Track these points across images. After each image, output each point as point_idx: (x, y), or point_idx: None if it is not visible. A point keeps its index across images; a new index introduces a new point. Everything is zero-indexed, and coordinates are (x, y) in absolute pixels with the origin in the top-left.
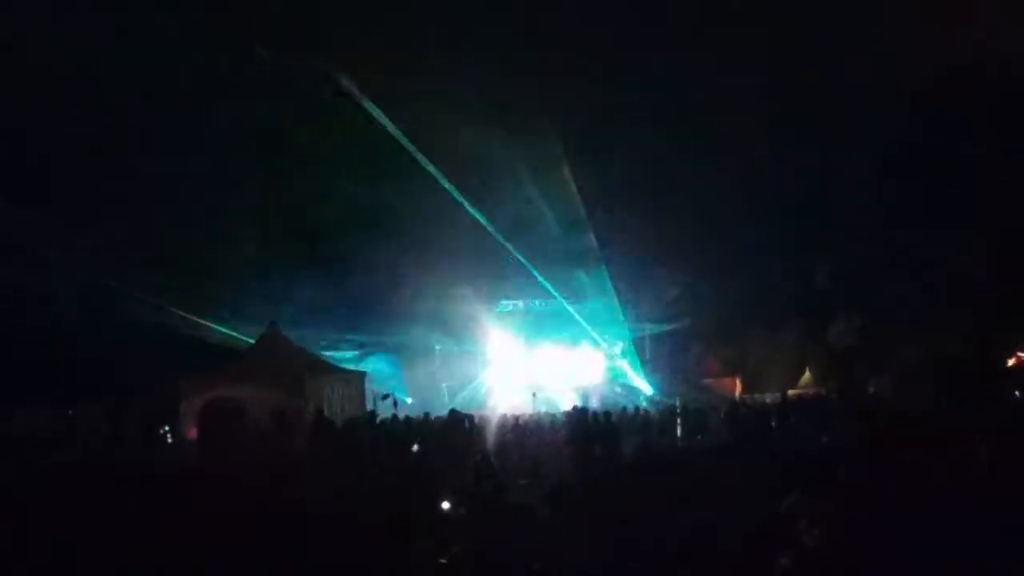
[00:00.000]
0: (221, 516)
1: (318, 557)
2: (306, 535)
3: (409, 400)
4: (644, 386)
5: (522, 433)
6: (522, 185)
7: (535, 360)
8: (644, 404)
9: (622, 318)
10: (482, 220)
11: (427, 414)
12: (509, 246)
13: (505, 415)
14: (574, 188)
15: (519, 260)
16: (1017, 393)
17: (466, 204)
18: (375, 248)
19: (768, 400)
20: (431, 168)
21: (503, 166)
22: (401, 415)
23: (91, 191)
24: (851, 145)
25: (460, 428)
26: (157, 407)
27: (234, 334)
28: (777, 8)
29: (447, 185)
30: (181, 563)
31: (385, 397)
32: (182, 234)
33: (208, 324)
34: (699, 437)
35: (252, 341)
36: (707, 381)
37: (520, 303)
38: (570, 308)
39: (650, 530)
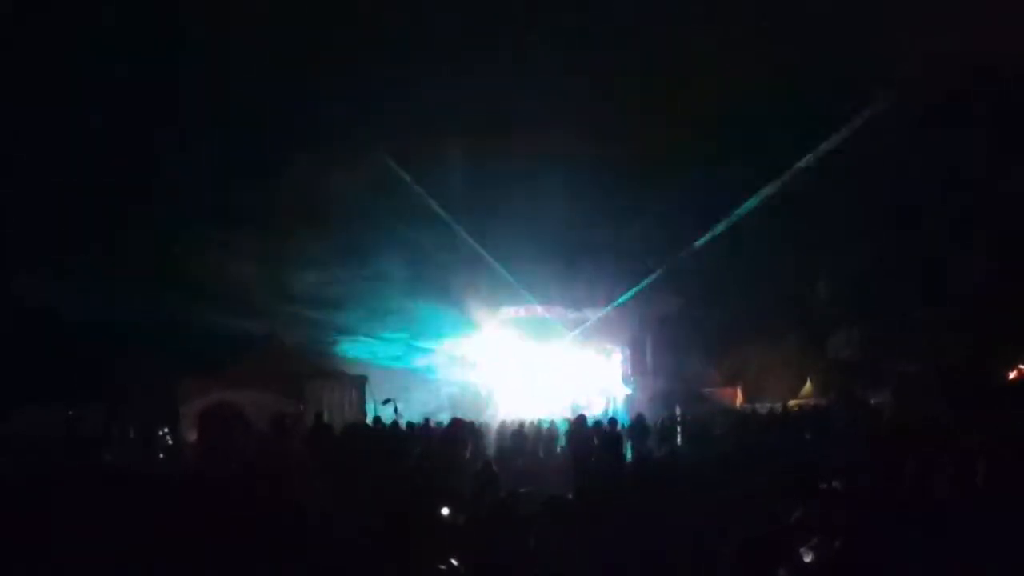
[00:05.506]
0: (219, 521)
1: (315, 564)
2: (303, 542)
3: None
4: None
5: (523, 440)
6: (527, 193)
7: (535, 368)
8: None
9: (623, 325)
10: (486, 226)
11: (427, 420)
12: (511, 253)
13: (506, 422)
14: (575, 192)
15: (521, 267)
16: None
17: (471, 210)
18: (377, 247)
19: (769, 408)
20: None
21: (507, 175)
22: (402, 420)
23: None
24: (853, 154)
25: (461, 434)
26: (156, 409)
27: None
28: (770, 10)
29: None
30: (179, 567)
31: (386, 402)
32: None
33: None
34: (699, 447)
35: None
36: (708, 390)
37: (521, 310)
38: (571, 315)
39: (650, 540)
